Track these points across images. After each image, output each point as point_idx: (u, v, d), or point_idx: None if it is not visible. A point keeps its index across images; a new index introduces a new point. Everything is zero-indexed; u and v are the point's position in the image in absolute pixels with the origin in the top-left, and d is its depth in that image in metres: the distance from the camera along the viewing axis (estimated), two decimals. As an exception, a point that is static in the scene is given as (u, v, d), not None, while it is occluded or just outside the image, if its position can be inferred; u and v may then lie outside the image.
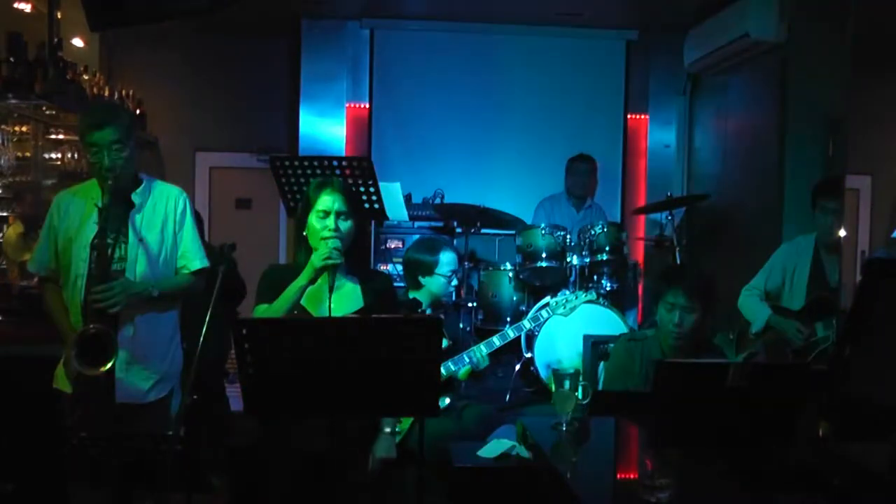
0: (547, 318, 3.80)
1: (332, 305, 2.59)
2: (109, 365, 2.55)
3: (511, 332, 3.66)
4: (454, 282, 3.67)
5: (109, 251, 2.65)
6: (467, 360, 3.53)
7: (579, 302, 3.77)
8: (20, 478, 3.39)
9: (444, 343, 3.44)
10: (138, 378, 2.76)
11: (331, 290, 2.54)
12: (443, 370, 3.44)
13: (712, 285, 3.08)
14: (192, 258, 2.86)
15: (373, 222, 5.40)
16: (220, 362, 4.39)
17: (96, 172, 2.69)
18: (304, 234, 2.64)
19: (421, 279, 3.64)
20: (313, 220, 2.61)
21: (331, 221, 2.59)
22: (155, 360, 2.80)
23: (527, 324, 3.74)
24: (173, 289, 2.82)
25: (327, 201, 2.61)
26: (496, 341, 3.61)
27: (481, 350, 3.56)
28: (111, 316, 2.61)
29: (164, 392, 2.83)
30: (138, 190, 2.79)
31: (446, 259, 3.62)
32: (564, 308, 3.74)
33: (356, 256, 2.71)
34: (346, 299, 2.66)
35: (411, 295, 3.60)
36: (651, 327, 3.36)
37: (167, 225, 2.82)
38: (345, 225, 2.61)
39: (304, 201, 2.67)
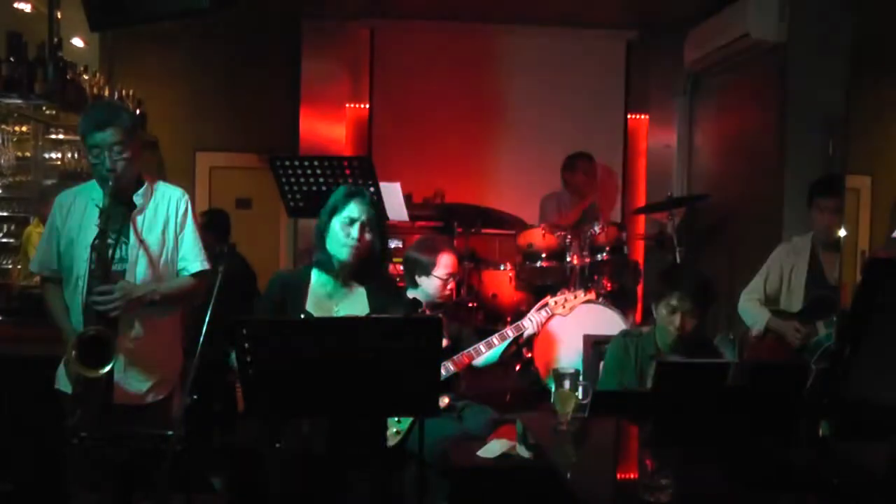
0: (547, 318, 3.80)
1: (339, 311, 2.62)
2: (109, 367, 2.55)
3: (510, 333, 3.67)
4: (450, 285, 3.66)
5: (110, 252, 2.64)
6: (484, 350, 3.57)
7: (578, 301, 3.77)
8: (20, 478, 3.39)
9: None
10: (136, 380, 2.75)
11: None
12: (443, 370, 3.44)
13: (712, 287, 3.09)
14: (193, 260, 2.85)
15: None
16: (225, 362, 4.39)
17: (97, 174, 2.68)
18: (324, 236, 2.66)
19: (417, 278, 3.64)
20: (336, 224, 2.63)
21: (355, 230, 2.61)
22: (154, 362, 2.79)
23: (526, 323, 3.75)
24: (174, 291, 2.81)
25: (355, 210, 2.65)
26: (495, 341, 3.61)
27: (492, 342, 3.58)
28: (112, 318, 2.61)
29: (162, 394, 2.82)
30: (140, 191, 2.78)
31: (444, 261, 3.62)
32: (564, 308, 3.75)
33: (369, 265, 2.73)
34: (352, 305, 2.67)
35: (410, 293, 3.60)
36: (648, 326, 3.37)
37: (168, 227, 2.80)
38: (368, 237, 2.64)
39: (328, 206, 2.70)
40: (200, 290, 2.85)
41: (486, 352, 3.60)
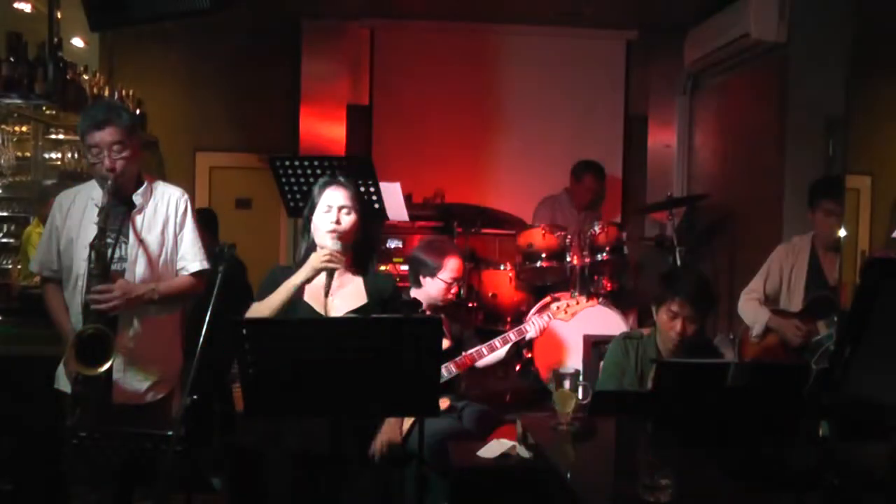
0: (547, 323, 3.81)
1: (335, 301, 2.63)
2: (108, 365, 2.55)
3: (512, 336, 3.69)
4: (453, 290, 3.67)
5: (109, 251, 2.65)
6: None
7: (580, 308, 3.78)
8: (20, 478, 3.39)
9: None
10: (135, 379, 2.76)
11: (328, 290, 2.60)
12: (445, 372, 3.45)
13: (712, 290, 3.09)
14: (192, 260, 2.86)
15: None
16: (226, 362, 4.39)
17: (96, 173, 2.69)
18: (311, 234, 2.68)
19: (422, 279, 3.64)
20: (318, 216, 2.65)
21: (333, 215, 2.63)
22: (154, 361, 2.80)
23: (528, 327, 3.77)
24: (173, 290, 2.81)
25: (330, 197, 2.67)
26: (497, 344, 3.62)
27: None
28: (111, 316, 2.61)
29: (162, 393, 2.83)
30: (140, 191, 2.79)
31: (451, 265, 3.62)
32: (566, 314, 3.75)
33: (363, 253, 2.74)
34: (349, 296, 2.68)
35: (413, 293, 3.61)
36: (647, 327, 3.37)
37: (168, 226, 2.81)
38: (347, 219, 2.66)
39: (310, 202, 2.71)
40: (199, 290, 2.86)
41: (488, 354, 3.61)
